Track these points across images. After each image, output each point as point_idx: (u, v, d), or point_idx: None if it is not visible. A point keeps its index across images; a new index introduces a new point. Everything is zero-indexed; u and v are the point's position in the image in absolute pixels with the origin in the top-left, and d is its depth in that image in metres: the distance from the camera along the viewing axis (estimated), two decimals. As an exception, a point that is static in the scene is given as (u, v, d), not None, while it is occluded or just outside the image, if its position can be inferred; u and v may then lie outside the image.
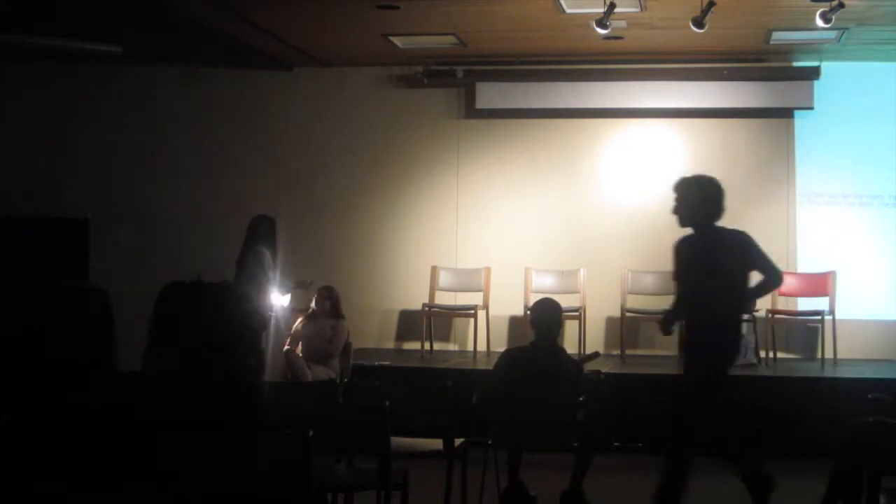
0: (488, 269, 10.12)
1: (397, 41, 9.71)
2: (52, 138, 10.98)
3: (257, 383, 3.34)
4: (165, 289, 4.95)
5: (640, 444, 8.22)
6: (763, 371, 9.05)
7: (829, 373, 9.09)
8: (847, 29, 8.84)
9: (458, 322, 10.41)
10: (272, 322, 8.38)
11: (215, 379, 3.22)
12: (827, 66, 10.05)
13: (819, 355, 9.58)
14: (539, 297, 6.93)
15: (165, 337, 3.91)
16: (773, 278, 6.02)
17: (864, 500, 4.80)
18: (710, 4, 7.88)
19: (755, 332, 9.37)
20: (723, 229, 6.01)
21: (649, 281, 9.97)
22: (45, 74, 10.95)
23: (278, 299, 8.42)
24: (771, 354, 9.60)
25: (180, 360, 3.26)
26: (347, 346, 8.74)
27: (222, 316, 3.27)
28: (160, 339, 4.70)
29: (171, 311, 3.38)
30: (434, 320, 10.08)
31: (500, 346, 9.31)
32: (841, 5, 7.68)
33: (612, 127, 10.44)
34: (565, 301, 8.74)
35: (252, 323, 3.44)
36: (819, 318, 9.46)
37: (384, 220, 10.67)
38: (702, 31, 8.13)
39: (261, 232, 8.30)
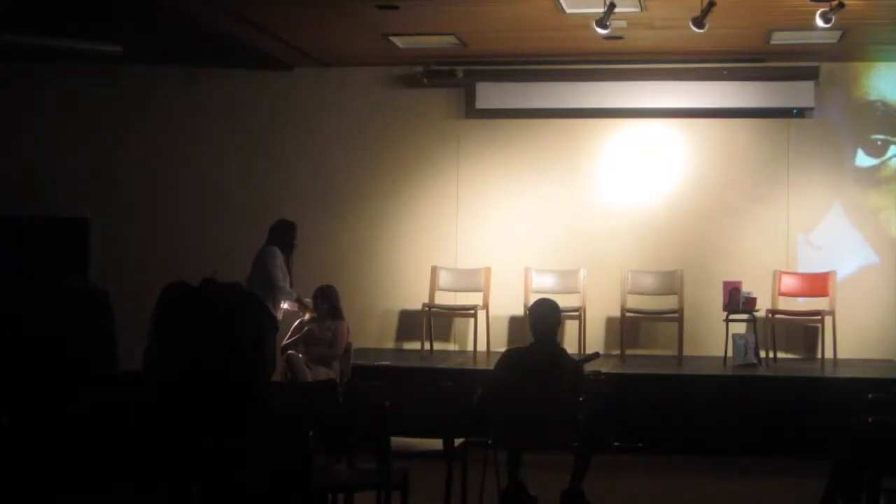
0: (488, 269, 10.12)
1: (397, 41, 9.71)
2: (52, 138, 10.98)
3: (264, 385, 3.34)
4: (167, 289, 4.96)
5: (640, 444, 8.23)
6: (763, 371, 9.05)
7: (829, 373, 9.09)
8: (847, 29, 8.84)
9: (458, 322, 10.41)
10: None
11: (220, 381, 3.22)
12: (827, 66, 10.05)
13: (819, 355, 9.58)
14: (539, 297, 6.93)
15: (169, 337, 3.90)
16: None
17: (864, 500, 4.80)
18: (710, 4, 7.88)
19: (755, 332, 9.37)
20: None
21: (649, 281, 9.97)
22: (46, 74, 10.95)
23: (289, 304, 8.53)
24: (771, 354, 9.60)
25: (185, 360, 3.25)
26: (347, 346, 8.73)
27: (231, 317, 3.27)
28: (163, 339, 4.70)
29: (176, 311, 3.37)
30: (434, 320, 10.07)
31: (500, 346, 9.31)
32: (841, 5, 7.67)
33: (612, 127, 10.44)
34: (565, 301, 8.78)
35: (262, 324, 3.43)
36: (819, 318, 9.46)
37: (384, 220, 10.66)
38: (702, 31, 8.12)
39: (275, 235, 8.45)
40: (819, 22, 7.91)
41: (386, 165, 10.68)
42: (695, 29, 8.10)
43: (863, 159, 10.14)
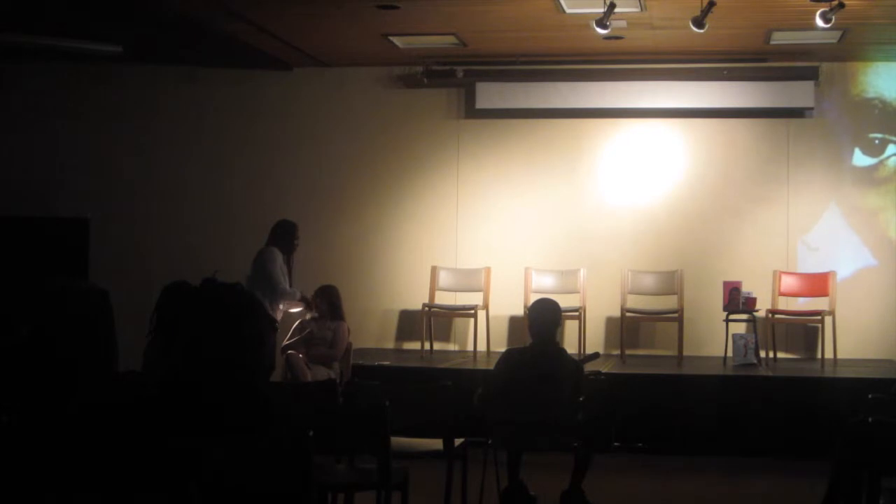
0: (488, 269, 10.12)
1: (397, 41, 9.71)
2: (52, 138, 10.98)
3: (264, 385, 3.34)
4: (167, 289, 4.96)
5: (640, 444, 8.23)
6: (763, 371, 9.05)
7: (829, 373, 9.09)
8: (847, 29, 8.84)
9: (458, 322, 10.41)
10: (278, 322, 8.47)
11: (220, 380, 3.22)
12: (827, 66, 10.05)
13: (819, 355, 9.58)
14: (539, 297, 6.92)
15: (169, 337, 3.89)
16: None
17: (864, 500, 4.80)
18: (710, 4, 7.88)
19: (755, 332, 9.37)
20: None
21: (649, 281, 9.97)
22: (46, 74, 10.96)
23: (288, 304, 8.53)
24: (771, 354, 9.60)
25: (185, 360, 3.25)
26: (347, 346, 8.73)
27: (231, 317, 3.27)
28: (163, 339, 4.69)
29: (176, 311, 3.37)
30: (434, 320, 10.08)
31: (500, 346, 9.31)
32: (841, 5, 7.68)
33: (612, 127, 10.44)
34: (565, 301, 8.77)
35: (262, 324, 3.42)
36: (819, 318, 9.46)
37: (384, 220, 10.67)
38: (702, 31, 8.13)
39: (276, 235, 8.44)
40: (819, 22, 7.91)
41: (386, 165, 10.68)
42: (695, 29, 8.10)
43: (862, 159, 10.13)
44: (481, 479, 6.04)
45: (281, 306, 8.48)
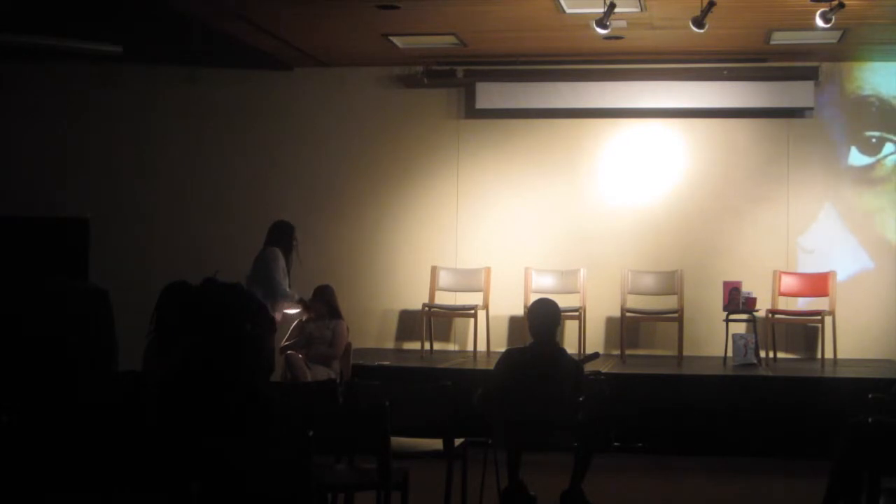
0: (488, 269, 10.12)
1: (397, 41, 9.71)
2: (52, 138, 10.98)
3: (264, 385, 3.34)
4: (167, 289, 4.96)
5: (640, 444, 8.23)
6: (763, 371, 9.05)
7: (829, 373, 9.09)
8: (847, 29, 8.84)
9: (458, 322, 10.41)
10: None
11: (220, 380, 3.22)
12: (827, 66, 10.05)
13: (819, 355, 9.58)
14: (539, 297, 6.92)
15: (169, 337, 3.89)
16: None
17: (864, 500, 4.80)
18: (710, 4, 7.89)
19: (755, 332, 9.38)
20: None
21: (649, 281, 9.97)
22: (45, 74, 10.95)
23: (287, 305, 8.51)
24: (771, 354, 9.60)
25: (185, 360, 3.26)
26: (347, 346, 8.73)
27: (231, 317, 3.27)
28: (163, 339, 4.70)
29: (176, 312, 3.37)
30: (434, 320, 10.08)
31: (500, 346, 9.31)
32: (841, 5, 7.68)
33: (612, 127, 10.44)
34: (565, 301, 8.78)
35: (262, 325, 3.43)
36: (819, 318, 9.46)
37: (384, 220, 10.67)
38: (702, 31, 8.13)
39: (274, 236, 8.42)
40: (819, 22, 7.91)
41: (386, 165, 10.68)
42: (695, 29, 8.10)
43: (859, 158, 10.13)
44: (481, 479, 6.04)
45: (291, 311, 8.48)
